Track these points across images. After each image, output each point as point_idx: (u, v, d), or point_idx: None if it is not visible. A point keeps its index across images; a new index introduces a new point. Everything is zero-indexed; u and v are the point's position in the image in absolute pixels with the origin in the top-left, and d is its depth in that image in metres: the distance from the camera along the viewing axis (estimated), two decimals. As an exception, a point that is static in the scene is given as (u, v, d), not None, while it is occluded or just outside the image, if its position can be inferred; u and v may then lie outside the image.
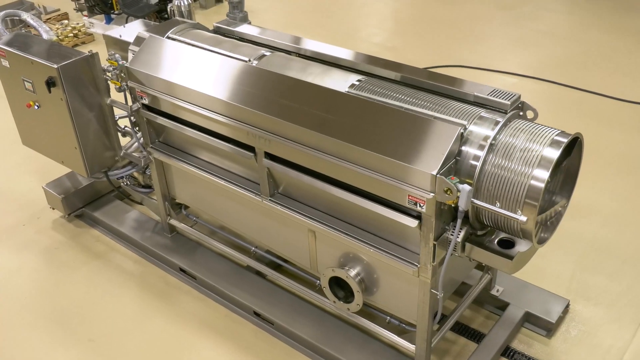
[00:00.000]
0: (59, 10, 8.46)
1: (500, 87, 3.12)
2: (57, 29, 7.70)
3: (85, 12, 8.17)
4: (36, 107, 3.98)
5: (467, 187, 2.61)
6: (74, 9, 8.42)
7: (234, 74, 3.42)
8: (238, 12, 5.93)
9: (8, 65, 3.99)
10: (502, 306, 3.75)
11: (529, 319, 3.71)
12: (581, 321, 3.75)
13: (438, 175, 2.64)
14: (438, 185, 2.66)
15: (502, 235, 2.99)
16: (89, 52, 3.80)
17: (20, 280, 4.24)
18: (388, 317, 3.46)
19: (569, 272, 4.10)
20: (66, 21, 8.05)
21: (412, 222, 2.83)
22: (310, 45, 3.74)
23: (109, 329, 3.84)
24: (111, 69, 3.86)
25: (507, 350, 3.58)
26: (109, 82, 3.93)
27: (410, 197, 2.77)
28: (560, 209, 3.02)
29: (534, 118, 3.13)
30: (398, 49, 7.35)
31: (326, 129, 2.97)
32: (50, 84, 3.71)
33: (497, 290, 3.79)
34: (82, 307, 4.00)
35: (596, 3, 8.47)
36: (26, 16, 4.84)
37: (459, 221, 2.73)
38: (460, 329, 3.73)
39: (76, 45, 7.59)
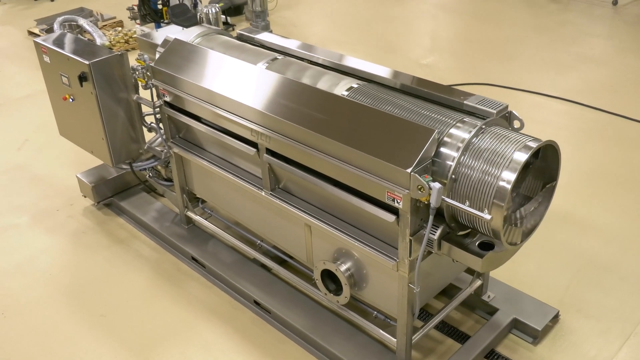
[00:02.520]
0: (114, 18, 9.00)
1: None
2: (110, 34, 8.22)
3: (138, 21, 8.68)
4: (71, 100, 4.36)
5: (437, 185, 2.78)
6: (129, 17, 8.95)
7: (243, 75, 3.69)
8: (260, 21, 6.25)
9: (49, 61, 4.39)
10: (492, 311, 3.86)
11: (517, 325, 3.81)
12: (569, 331, 3.82)
13: (412, 173, 2.82)
14: (412, 183, 2.84)
15: (484, 238, 3.14)
16: (118, 51, 4.15)
17: (47, 258, 4.62)
18: (375, 312, 3.64)
19: (565, 284, 4.16)
20: (120, 28, 8.58)
21: (390, 217, 3.02)
22: (321, 52, 3.99)
23: (120, 307, 4.15)
24: (139, 68, 4.21)
25: (491, 354, 3.69)
26: (136, 79, 4.27)
27: (388, 194, 2.96)
28: (537, 216, 3.13)
29: (520, 128, 3.26)
30: (431, 65, 7.52)
31: (318, 128, 3.19)
32: (82, 78, 4.08)
33: (489, 296, 3.90)
34: (98, 286, 4.33)
35: (636, 28, 8.42)
36: (83, 22, 5.26)
37: (430, 217, 2.89)
38: (449, 330, 3.86)
39: (126, 50, 8.07)
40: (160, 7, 8.28)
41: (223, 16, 8.40)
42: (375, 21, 9.06)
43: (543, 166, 3.12)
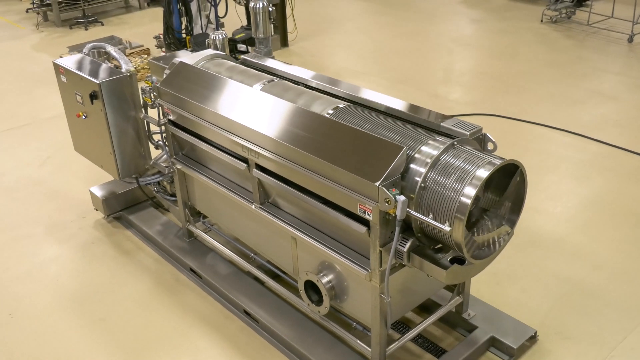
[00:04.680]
0: (142, 46, 9.45)
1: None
2: (136, 61, 8.63)
3: (163, 49, 9.11)
4: (84, 117, 4.67)
5: (402, 197, 2.96)
6: (155, 46, 9.41)
7: (238, 95, 3.95)
8: (263, 47, 6.58)
9: (65, 81, 4.72)
10: (471, 329, 3.97)
11: (495, 343, 3.91)
12: (546, 352, 3.90)
13: (380, 186, 3.01)
14: (380, 195, 3.02)
15: (457, 253, 3.29)
16: (127, 72, 4.46)
17: (56, 266, 4.89)
18: (354, 323, 3.79)
19: (547, 307, 4.25)
20: (145, 55, 9.00)
21: (361, 228, 3.20)
22: (316, 77, 4.22)
23: (119, 312, 4.38)
24: (147, 88, 4.51)
25: (467, 370, 3.80)
26: (144, 99, 4.57)
27: (360, 206, 3.14)
28: (504, 233, 3.27)
29: (493, 150, 3.42)
30: (440, 96, 7.72)
31: (299, 144, 3.41)
32: (93, 96, 4.39)
33: (469, 315, 4.02)
34: (100, 293, 4.57)
35: (649, 66, 8.52)
36: (110, 49, 5.59)
37: (397, 229, 3.05)
38: (429, 346, 3.98)
39: (149, 75, 8.45)
40: (184, 36, 8.69)
41: (244, 46, 8.76)
42: (392, 54, 9.32)
43: (511, 186, 3.26)
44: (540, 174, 5.85)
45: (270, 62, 4.58)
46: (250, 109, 3.81)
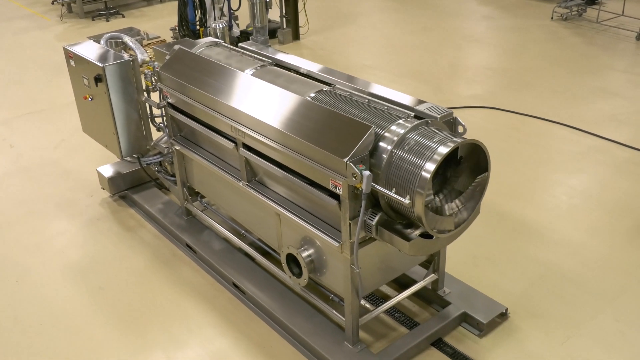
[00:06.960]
0: (159, 37, 9.77)
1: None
2: (151, 52, 8.94)
3: (179, 40, 9.42)
4: (90, 99, 4.97)
5: (367, 172, 3.17)
6: (171, 37, 9.72)
7: (229, 79, 4.20)
8: (260, 36, 6.82)
9: (74, 65, 5.03)
10: (445, 305, 4.17)
11: (466, 319, 4.11)
12: (516, 329, 4.08)
13: (347, 162, 3.23)
14: (348, 171, 3.25)
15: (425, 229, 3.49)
16: (129, 57, 4.75)
17: (62, 239, 5.21)
18: (331, 295, 4.02)
19: (522, 289, 4.43)
20: (161, 46, 9.31)
21: (332, 202, 3.43)
22: (305, 64, 4.45)
23: (117, 282, 4.67)
24: (148, 73, 4.79)
25: (438, 342, 4.00)
26: (146, 83, 4.85)
27: (331, 181, 3.37)
28: (468, 210, 3.47)
29: (463, 133, 3.62)
30: (443, 89, 7.89)
31: (281, 124, 3.65)
32: (97, 79, 4.68)
33: (444, 292, 4.22)
34: (101, 264, 4.88)
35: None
36: (127, 39, 5.89)
37: (363, 203, 3.27)
38: (405, 320, 4.19)
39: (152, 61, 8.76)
40: (198, 27, 8.98)
41: (255, 38, 9.04)
42: (402, 49, 9.49)
43: (476, 166, 3.45)
44: (533, 165, 6.00)
45: (264, 50, 4.82)
46: (239, 92, 4.06)
